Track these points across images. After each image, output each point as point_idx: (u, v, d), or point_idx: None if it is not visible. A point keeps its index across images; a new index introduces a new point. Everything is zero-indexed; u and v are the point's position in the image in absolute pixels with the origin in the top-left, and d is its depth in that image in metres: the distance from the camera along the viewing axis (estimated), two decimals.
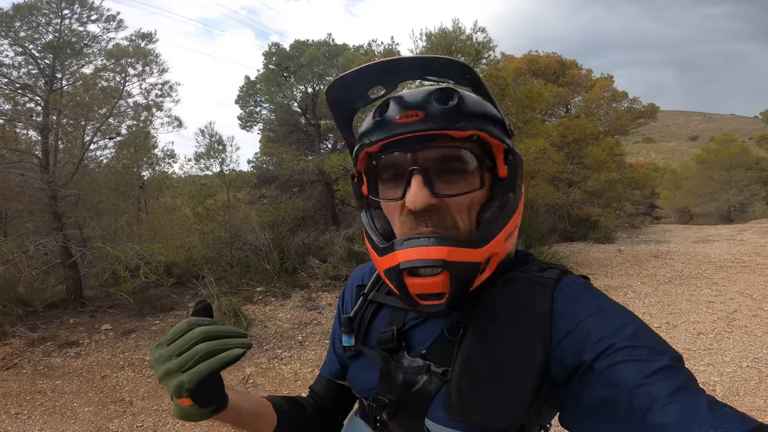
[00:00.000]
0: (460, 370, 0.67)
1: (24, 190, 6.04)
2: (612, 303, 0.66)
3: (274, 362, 4.70)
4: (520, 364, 0.63)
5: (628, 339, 0.58)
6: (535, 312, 0.65)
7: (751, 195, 22.69)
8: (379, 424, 0.77)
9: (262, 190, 10.92)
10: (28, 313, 5.65)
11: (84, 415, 3.65)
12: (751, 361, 4.34)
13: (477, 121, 0.65)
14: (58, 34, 6.35)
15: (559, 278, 0.69)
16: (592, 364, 0.58)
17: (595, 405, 0.57)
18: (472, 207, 0.68)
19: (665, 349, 0.58)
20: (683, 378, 0.54)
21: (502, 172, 0.69)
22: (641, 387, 0.53)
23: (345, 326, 0.84)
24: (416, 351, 0.75)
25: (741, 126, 66.88)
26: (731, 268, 8.19)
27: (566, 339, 0.62)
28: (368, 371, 0.80)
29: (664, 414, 0.50)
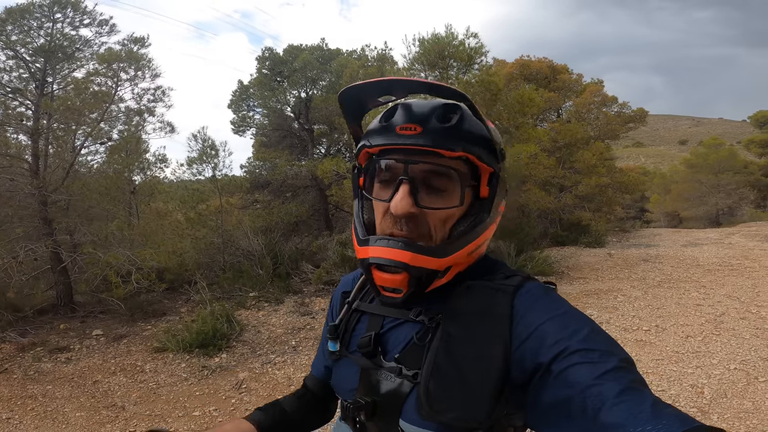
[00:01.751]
0: (428, 372, 0.71)
1: (14, 195, 5.99)
2: (569, 307, 0.70)
3: (268, 367, 4.70)
4: (482, 367, 0.67)
5: (582, 342, 0.62)
6: (496, 317, 0.69)
7: (740, 199, 22.96)
8: (358, 425, 0.81)
9: (254, 195, 10.91)
10: (18, 319, 5.60)
11: (76, 420, 3.62)
12: (739, 364, 4.39)
13: (469, 143, 0.71)
14: (50, 38, 6.32)
15: (520, 284, 0.73)
16: (549, 367, 0.61)
17: (553, 406, 0.60)
18: (449, 220, 0.74)
19: (616, 351, 0.61)
20: (630, 378, 0.57)
21: (484, 192, 0.75)
22: (592, 387, 0.56)
23: (331, 333, 0.88)
24: (391, 355, 0.79)
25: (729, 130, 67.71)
26: (719, 272, 8.29)
27: (525, 342, 0.66)
28: (349, 374, 0.84)
29: (613, 414, 0.53)
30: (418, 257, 0.70)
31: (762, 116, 25.87)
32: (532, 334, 0.66)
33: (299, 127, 11.23)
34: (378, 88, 0.74)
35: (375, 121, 0.78)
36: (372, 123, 0.79)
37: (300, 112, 10.78)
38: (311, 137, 11.16)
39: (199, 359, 4.83)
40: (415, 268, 0.70)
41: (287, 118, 11.30)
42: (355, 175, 0.82)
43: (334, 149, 11.59)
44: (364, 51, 10.34)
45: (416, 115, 0.72)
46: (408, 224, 0.72)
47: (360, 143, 0.78)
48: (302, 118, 10.89)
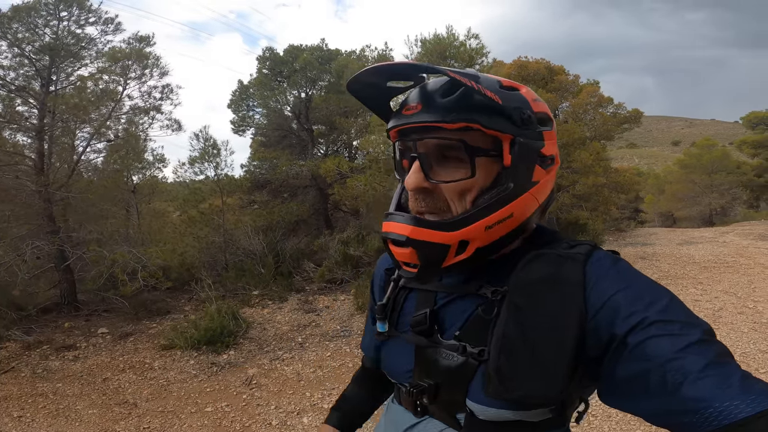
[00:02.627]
0: (497, 348, 0.67)
1: (18, 193, 5.98)
2: (643, 277, 0.67)
3: (276, 363, 4.73)
4: (556, 338, 0.64)
5: (660, 313, 0.59)
6: (569, 285, 0.66)
7: (733, 199, 23.20)
8: (420, 408, 0.79)
9: (254, 195, 10.90)
10: (22, 317, 5.59)
11: (89, 417, 3.63)
12: (739, 356, 4.48)
13: (472, 112, 0.68)
14: (56, 36, 6.31)
15: (589, 253, 0.70)
16: (625, 338, 0.59)
17: (629, 379, 0.58)
18: (467, 192, 0.71)
19: (698, 323, 0.59)
20: (716, 352, 0.55)
21: (507, 161, 0.71)
22: (674, 361, 0.54)
23: (379, 313, 0.86)
24: (450, 332, 0.76)
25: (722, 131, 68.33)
26: (715, 269, 8.42)
27: (600, 312, 0.63)
28: (402, 355, 0.82)
29: (697, 388, 0.51)
30: (419, 231, 0.69)
31: (754, 117, 26.16)
32: (606, 303, 0.63)
33: (299, 126, 11.25)
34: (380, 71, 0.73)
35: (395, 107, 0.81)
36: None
37: (300, 112, 10.79)
38: (311, 137, 11.17)
39: (208, 356, 4.86)
40: (415, 242, 0.69)
41: (287, 118, 11.30)
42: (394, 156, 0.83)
43: (333, 149, 11.62)
44: (364, 51, 10.38)
45: (422, 94, 0.72)
46: (425, 199, 0.72)
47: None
48: (302, 118, 10.91)
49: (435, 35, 7.78)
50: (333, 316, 6.21)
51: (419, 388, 0.76)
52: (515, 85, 0.75)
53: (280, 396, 4.02)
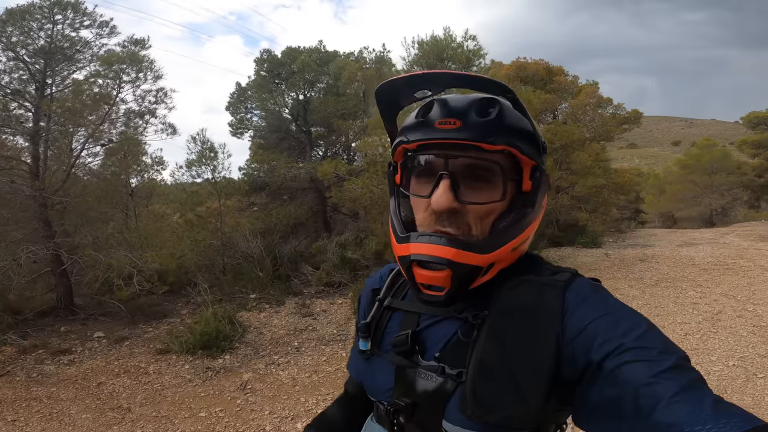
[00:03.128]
0: (475, 371, 0.68)
1: (14, 197, 5.97)
2: (621, 304, 0.68)
3: (272, 368, 4.71)
4: (533, 363, 0.65)
5: (637, 340, 0.60)
6: (547, 312, 0.67)
7: (733, 199, 23.14)
8: (396, 427, 0.78)
9: (252, 198, 10.90)
10: (18, 321, 5.59)
11: (82, 421, 3.62)
12: (738, 360, 4.45)
13: (510, 136, 0.69)
14: (50, 39, 6.32)
15: (570, 280, 0.72)
16: (601, 364, 0.59)
17: (604, 404, 0.58)
18: (490, 215, 0.72)
19: (674, 350, 0.59)
20: (690, 378, 0.55)
21: (526, 186, 0.73)
22: (647, 387, 0.54)
23: (363, 331, 0.85)
24: (430, 353, 0.76)
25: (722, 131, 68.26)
26: (715, 271, 8.38)
27: (577, 339, 0.64)
28: (383, 374, 0.81)
29: (669, 413, 0.51)
30: (462, 253, 0.68)
31: (754, 117, 26.07)
32: (583, 330, 0.64)
33: (297, 129, 11.25)
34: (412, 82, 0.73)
35: (411, 117, 0.76)
36: (407, 120, 0.77)
37: (298, 114, 10.79)
38: (309, 139, 11.17)
39: (203, 361, 4.84)
40: (458, 265, 0.68)
41: (285, 120, 11.30)
42: (391, 173, 0.81)
43: (331, 151, 11.61)
44: (362, 53, 10.37)
45: (455, 110, 0.70)
46: (450, 219, 0.70)
47: (396, 140, 0.76)
48: (300, 120, 10.91)
49: (432, 37, 7.78)
50: (330, 320, 6.19)
51: (396, 407, 0.76)
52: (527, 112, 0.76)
53: (274, 401, 4.00)
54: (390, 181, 0.82)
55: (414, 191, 0.75)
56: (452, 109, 0.71)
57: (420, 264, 0.70)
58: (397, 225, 0.77)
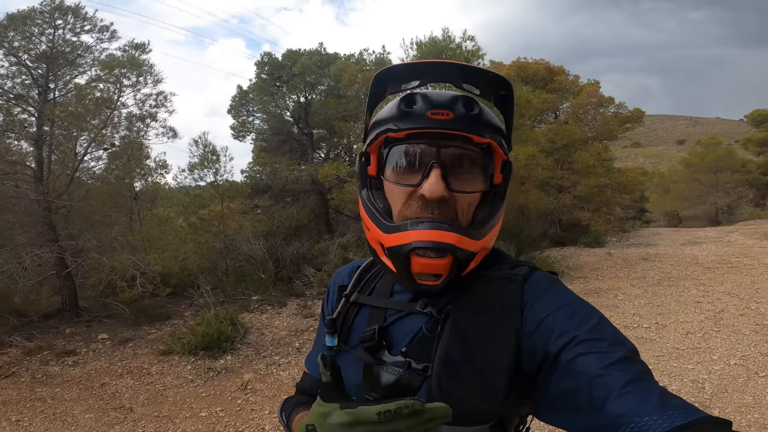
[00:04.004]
0: (440, 365, 0.70)
1: (18, 201, 6.04)
2: (576, 298, 0.71)
3: (272, 368, 4.75)
4: (495, 357, 0.67)
5: (590, 332, 0.63)
6: (507, 306, 0.70)
7: (738, 197, 23.03)
8: None
9: (255, 201, 10.95)
10: (24, 324, 5.66)
11: (85, 421, 3.66)
12: (739, 359, 4.44)
13: (493, 131, 0.73)
14: (52, 44, 6.39)
15: (527, 274, 0.74)
16: (557, 356, 0.62)
17: (561, 395, 0.61)
18: (472, 204, 0.74)
19: (622, 342, 0.62)
20: (638, 369, 0.58)
21: (498, 179, 0.76)
22: (600, 378, 0.57)
23: (329, 327, 0.85)
24: (396, 348, 0.78)
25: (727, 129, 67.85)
26: (718, 269, 8.35)
27: (536, 332, 0.66)
28: (352, 370, 0.82)
29: (620, 404, 0.54)
30: (463, 239, 0.69)
31: (758, 115, 25.95)
32: (541, 323, 0.67)
33: (299, 131, 11.29)
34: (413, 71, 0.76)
35: (390, 108, 0.76)
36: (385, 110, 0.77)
37: (299, 116, 10.84)
38: (311, 141, 11.22)
39: (205, 361, 4.88)
40: (460, 250, 0.69)
41: (287, 122, 11.35)
42: (363, 164, 0.79)
43: (333, 153, 11.65)
44: (362, 55, 10.41)
45: (443, 102, 0.71)
46: (440, 208, 0.71)
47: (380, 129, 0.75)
48: (302, 123, 10.96)
49: (431, 38, 7.81)
50: None
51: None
52: None
53: (274, 401, 4.03)
54: (362, 173, 0.80)
55: (397, 180, 0.74)
56: (442, 101, 0.71)
57: (419, 252, 0.69)
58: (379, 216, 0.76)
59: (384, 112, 0.77)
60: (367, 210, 0.78)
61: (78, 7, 6.52)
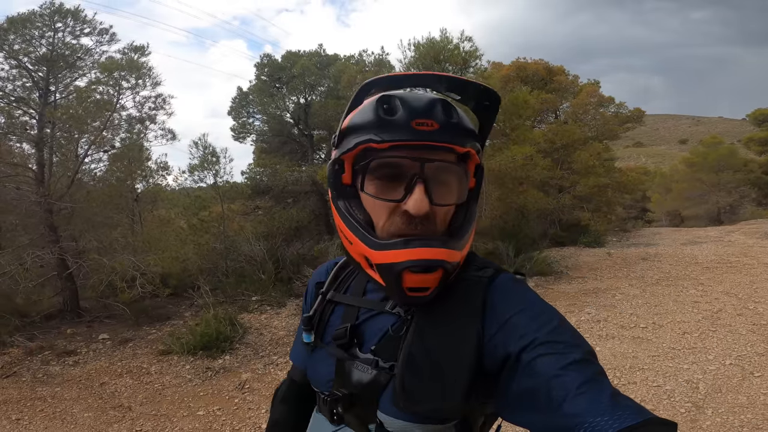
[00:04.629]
0: (403, 364, 0.71)
1: (20, 203, 6.10)
2: (538, 300, 0.72)
3: (270, 368, 4.78)
4: (455, 358, 0.68)
5: (549, 334, 0.64)
6: (469, 309, 0.71)
7: (741, 197, 22.96)
8: (336, 416, 0.81)
9: (255, 202, 11.00)
10: (26, 324, 5.71)
11: (84, 420, 3.71)
12: (735, 359, 4.45)
13: (472, 138, 0.72)
14: (52, 47, 6.43)
15: (492, 276, 0.75)
16: (518, 357, 0.63)
17: (520, 395, 0.62)
18: (449, 213, 0.74)
19: (580, 344, 0.64)
20: (593, 371, 0.59)
21: (471, 183, 0.76)
22: (557, 378, 0.58)
23: (305, 324, 0.89)
24: (367, 346, 0.79)
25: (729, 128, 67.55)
26: (717, 269, 8.35)
27: (497, 333, 0.68)
28: (325, 366, 0.84)
29: (575, 404, 0.55)
30: (451, 252, 0.70)
31: (761, 114, 25.85)
32: (503, 325, 0.68)
33: (299, 132, 11.34)
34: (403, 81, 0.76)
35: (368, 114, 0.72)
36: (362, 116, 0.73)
37: (299, 117, 10.89)
38: (311, 143, 11.27)
39: (203, 361, 4.92)
40: (450, 264, 0.70)
41: (287, 124, 11.41)
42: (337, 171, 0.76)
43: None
44: (361, 56, 10.45)
45: (426, 110, 0.69)
46: (423, 222, 0.70)
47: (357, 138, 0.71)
48: (302, 124, 11.01)
49: (429, 39, 7.84)
50: None
51: (334, 397, 0.80)
52: None
53: (271, 400, 4.06)
54: (336, 182, 0.76)
55: (377, 193, 0.72)
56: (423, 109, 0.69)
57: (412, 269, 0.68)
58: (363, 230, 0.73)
59: (360, 117, 0.73)
60: (348, 223, 0.74)
61: (78, 10, 6.57)
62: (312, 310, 0.91)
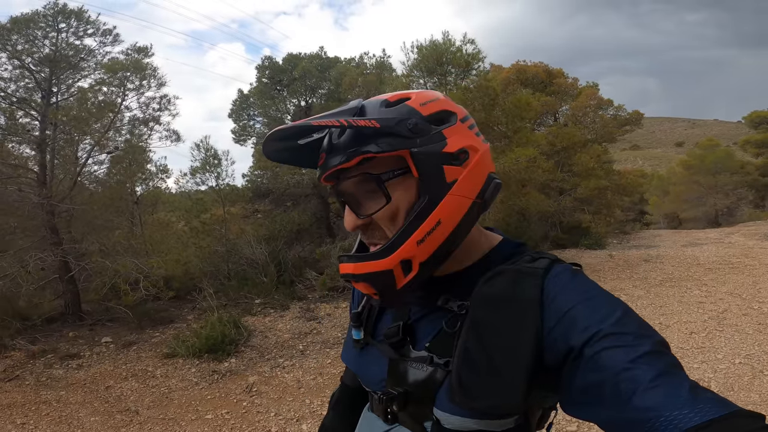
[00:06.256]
0: (459, 360, 0.70)
1: (21, 205, 6.04)
2: (600, 290, 0.69)
3: (277, 371, 4.74)
4: (513, 352, 0.66)
5: (614, 325, 0.61)
6: (526, 301, 0.68)
7: (738, 199, 23.11)
8: (390, 416, 0.81)
9: (256, 205, 10.96)
10: (27, 327, 5.65)
11: (91, 424, 3.66)
12: (744, 358, 4.45)
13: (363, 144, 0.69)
14: (55, 47, 6.40)
15: (548, 267, 0.72)
16: (581, 350, 0.61)
17: (585, 390, 0.60)
18: (396, 215, 0.72)
19: (649, 334, 0.61)
20: (666, 362, 0.57)
21: (415, 173, 0.71)
22: (626, 372, 0.56)
23: (354, 321, 0.89)
24: (421, 344, 0.78)
25: (725, 131, 68.06)
26: (720, 270, 8.37)
27: (557, 326, 0.65)
28: (377, 365, 0.83)
29: (648, 397, 0.53)
30: (361, 265, 0.71)
31: (756, 117, 26.06)
32: (563, 317, 0.65)
33: None
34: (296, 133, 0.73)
35: None
36: None
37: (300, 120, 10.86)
38: None
39: (209, 364, 4.87)
40: (361, 276, 0.71)
41: None
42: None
43: None
44: (362, 59, 10.45)
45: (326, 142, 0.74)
46: (369, 233, 0.76)
47: None
48: None
49: (431, 41, 7.84)
50: (334, 324, 6.22)
51: (389, 396, 0.78)
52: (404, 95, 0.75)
53: (279, 403, 4.02)
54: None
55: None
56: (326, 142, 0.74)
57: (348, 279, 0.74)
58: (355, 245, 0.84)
59: None
60: None
61: (81, 10, 6.54)
62: (360, 306, 0.91)
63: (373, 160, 0.70)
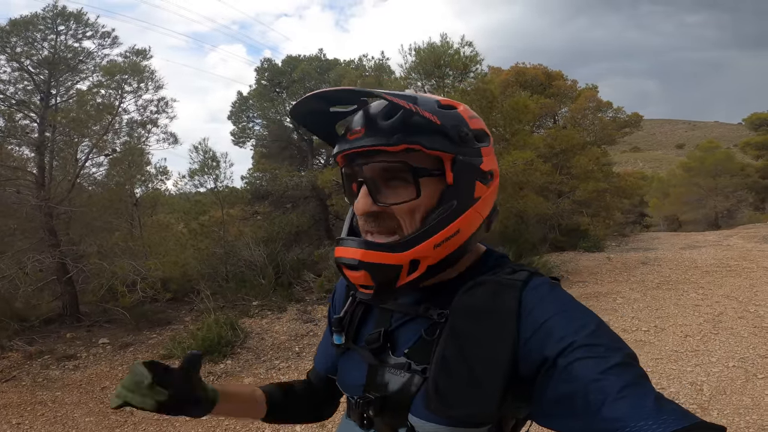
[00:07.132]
0: (436, 367, 0.71)
1: (20, 207, 6.07)
2: (575, 303, 0.70)
3: (272, 373, 4.76)
4: (490, 362, 0.67)
5: (588, 337, 0.62)
6: (504, 312, 0.69)
7: (738, 201, 23.08)
8: (366, 421, 0.81)
9: (255, 207, 10.98)
10: (25, 328, 5.68)
11: (86, 425, 3.68)
12: (738, 361, 4.45)
13: (414, 135, 0.70)
14: (54, 49, 6.43)
15: (527, 280, 0.73)
16: (555, 361, 0.62)
17: (557, 400, 0.61)
18: (416, 212, 0.72)
19: (620, 347, 0.62)
20: (634, 374, 0.58)
21: (449, 179, 0.73)
22: (596, 383, 0.57)
23: (336, 326, 0.88)
24: (400, 350, 0.79)
25: (725, 133, 67.96)
26: (717, 273, 8.37)
27: (533, 337, 0.66)
28: (356, 370, 0.84)
29: (615, 408, 0.54)
30: (371, 253, 0.71)
31: (756, 118, 26.07)
32: (539, 329, 0.66)
33: (299, 137, 11.35)
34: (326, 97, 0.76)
35: None
36: None
37: None
38: (311, 148, 11.27)
39: (205, 366, 4.89)
40: (368, 265, 0.71)
41: (287, 129, 11.41)
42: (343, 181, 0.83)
43: (333, 159, 11.67)
44: (361, 61, 10.49)
45: (364, 118, 0.73)
46: (375, 221, 0.73)
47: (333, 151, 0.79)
48: (302, 129, 11.01)
49: (429, 44, 7.87)
50: None
51: (366, 400, 0.79)
52: (453, 103, 0.77)
53: None
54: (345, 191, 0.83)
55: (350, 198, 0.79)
56: (363, 118, 0.73)
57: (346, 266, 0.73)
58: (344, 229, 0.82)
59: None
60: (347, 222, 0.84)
61: (80, 13, 6.58)
62: (342, 311, 0.90)
63: (415, 153, 0.71)
